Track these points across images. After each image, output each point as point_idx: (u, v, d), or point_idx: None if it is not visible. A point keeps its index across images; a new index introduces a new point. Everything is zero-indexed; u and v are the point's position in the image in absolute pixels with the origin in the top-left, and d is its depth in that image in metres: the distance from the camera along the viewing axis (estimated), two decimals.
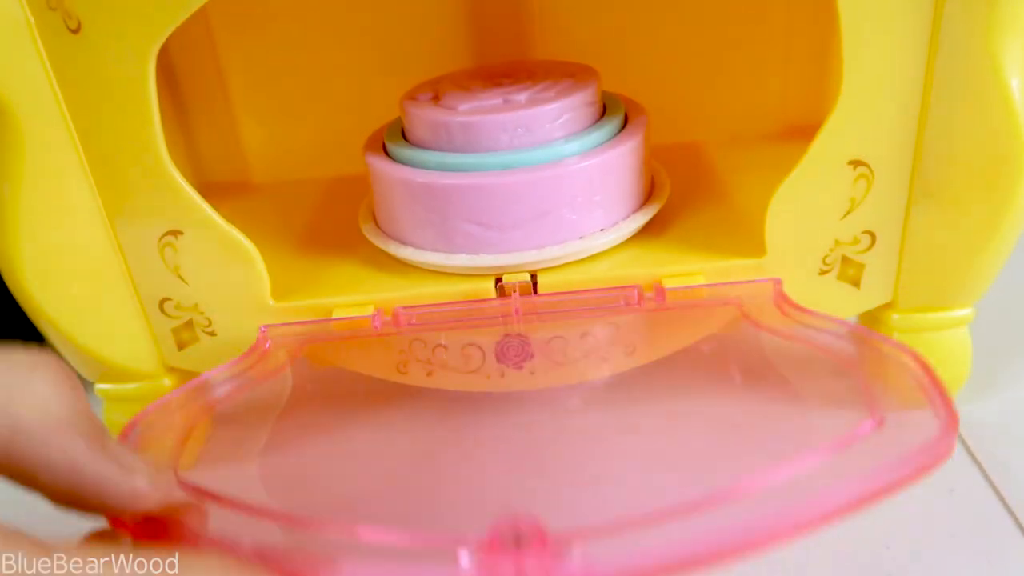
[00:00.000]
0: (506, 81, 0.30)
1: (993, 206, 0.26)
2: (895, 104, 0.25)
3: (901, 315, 0.29)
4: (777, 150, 0.35)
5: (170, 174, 0.25)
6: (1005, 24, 0.23)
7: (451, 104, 0.28)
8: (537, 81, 0.29)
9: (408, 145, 0.29)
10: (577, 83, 0.28)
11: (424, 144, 0.28)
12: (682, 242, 0.29)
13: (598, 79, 0.29)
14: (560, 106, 0.27)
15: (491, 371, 0.28)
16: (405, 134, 0.30)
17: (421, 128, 0.28)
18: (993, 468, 0.28)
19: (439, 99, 0.29)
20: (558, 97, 0.28)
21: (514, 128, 0.27)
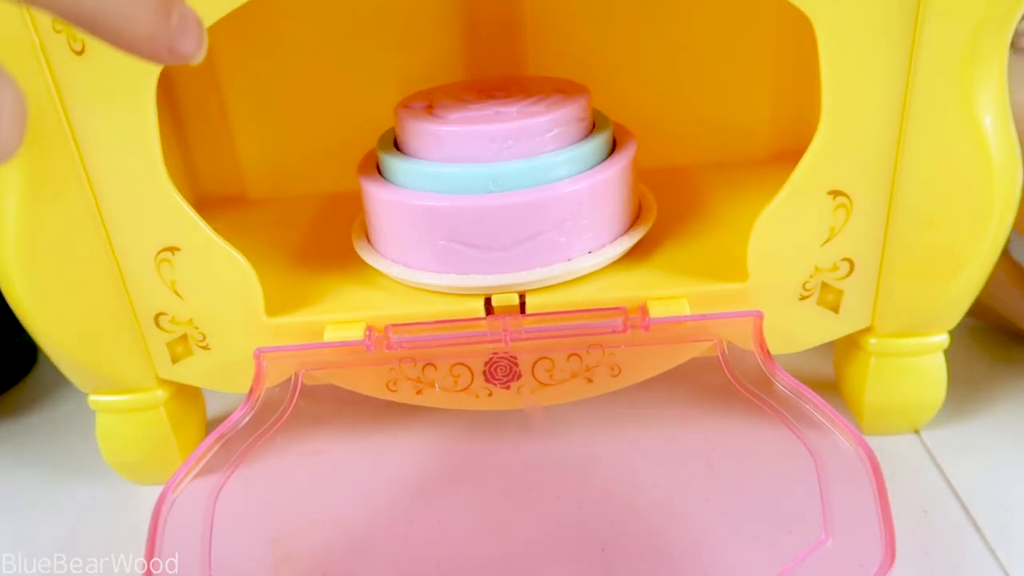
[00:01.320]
0: (499, 94, 0.30)
1: (966, 237, 0.27)
2: (873, 138, 0.25)
3: (879, 340, 0.30)
4: (763, 175, 0.36)
5: (169, 192, 0.26)
6: (977, 65, 0.24)
7: (443, 114, 0.29)
8: (529, 95, 0.30)
9: (400, 155, 0.29)
10: (567, 98, 0.29)
11: (416, 152, 0.29)
12: (667, 265, 0.30)
13: (588, 95, 0.30)
14: (550, 119, 0.28)
15: (479, 390, 0.29)
16: (398, 143, 0.30)
17: (413, 136, 0.29)
18: (965, 490, 0.29)
19: (432, 108, 0.30)
20: (548, 111, 0.28)
21: (503, 139, 0.28)
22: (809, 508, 0.24)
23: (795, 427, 0.26)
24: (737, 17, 0.35)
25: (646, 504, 0.29)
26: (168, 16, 0.15)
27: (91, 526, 0.31)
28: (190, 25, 0.16)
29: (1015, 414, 0.32)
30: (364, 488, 0.30)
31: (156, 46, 0.15)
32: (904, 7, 0.23)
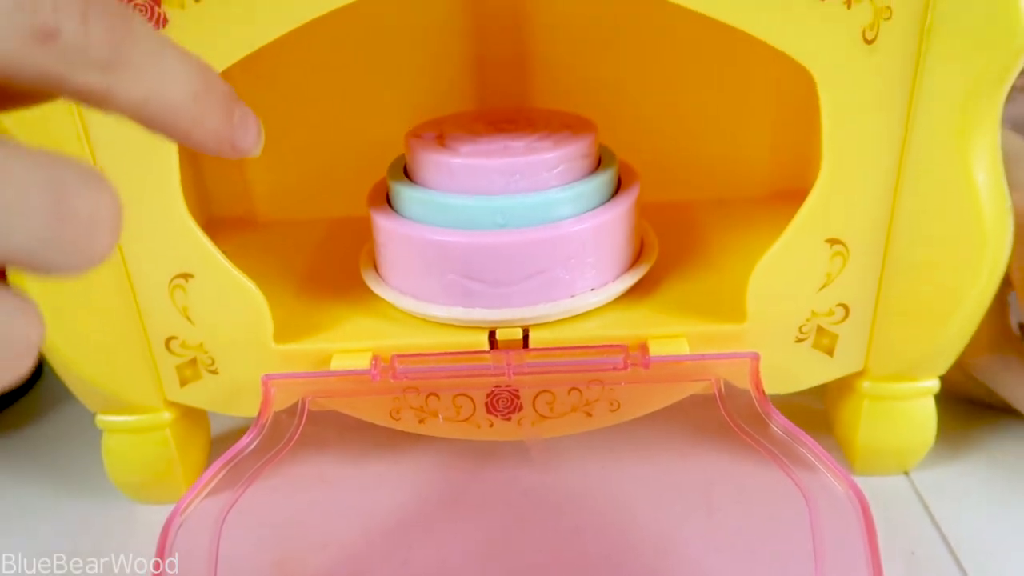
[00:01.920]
0: (508, 127, 0.31)
1: (957, 286, 0.27)
2: (870, 190, 0.26)
3: (872, 383, 0.30)
4: (763, 214, 0.37)
5: (186, 221, 0.27)
6: (973, 125, 0.25)
7: (453, 145, 0.29)
8: (537, 129, 0.30)
9: (410, 183, 0.30)
10: (574, 134, 0.30)
11: (425, 181, 0.30)
12: (667, 304, 0.30)
13: (595, 131, 0.31)
14: (557, 156, 0.29)
15: (481, 421, 0.29)
16: (407, 170, 0.31)
17: (424, 166, 0.30)
18: (952, 533, 0.29)
19: (443, 139, 0.30)
20: (556, 147, 0.29)
21: (511, 174, 0.28)
22: (801, 548, 0.25)
23: (788, 467, 0.26)
24: (739, 58, 0.36)
25: (641, 538, 0.29)
26: (231, 116, 0.16)
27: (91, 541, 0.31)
28: (249, 123, 0.17)
29: (1003, 458, 0.33)
30: (366, 513, 0.31)
31: (221, 143, 0.16)
32: (904, 66, 0.24)
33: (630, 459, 0.33)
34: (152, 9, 0.24)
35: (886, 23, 0.24)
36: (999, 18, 0.23)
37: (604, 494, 0.31)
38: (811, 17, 0.24)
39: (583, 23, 0.36)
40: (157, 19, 0.24)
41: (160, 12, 0.24)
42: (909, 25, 0.24)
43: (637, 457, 0.33)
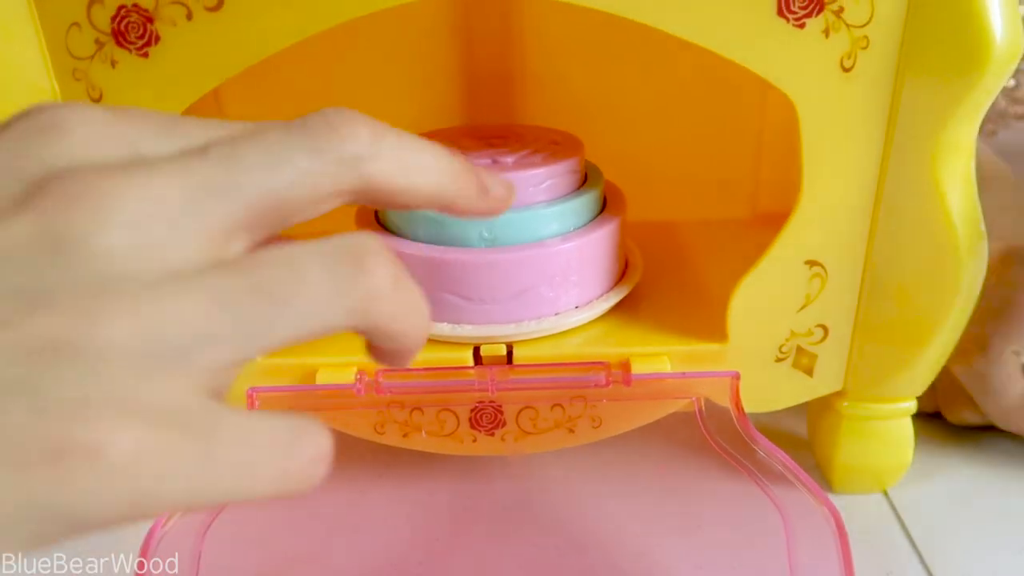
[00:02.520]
0: (496, 142, 0.31)
1: (934, 309, 0.28)
2: (848, 213, 0.27)
3: (850, 403, 0.31)
4: (745, 236, 0.38)
5: None
6: (948, 152, 0.26)
7: None
8: (525, 145, 0.31)
9: None
10: (562, 152, 0.30)
11: None
12: (650, 323, 0.31)
13: (582, 149, 0.31)
14: (544, 172, 0.29)
15: (464, 436, 0.30)
16: None
17: None
18: (928, 552, 0.30)
19: None
20: (543, 163, 0.29)
21: None
22: (777, 565, 0.25)
23: (765, 485, 0.27)
24: (724, 82, 0.37)
25: (621, 554, 0.29)
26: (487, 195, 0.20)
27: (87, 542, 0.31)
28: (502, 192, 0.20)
29: (980, 479, 0.34)
30: (349, 527, 0.31)
31: None
32: (880, 93, 0.25)
33: (611, 476, 0.33)
34: (145, 27, 0.24)
35: (863, 52, 0.24)
36: (972, 48, 0.24)
37: (585, 511, 0.31)
38: (790, 45, 0.24)
39: (572, 43, 0.36)
40: (150, 37, 0.24)
41: (152, 30, 0.24)
42: (886, 54, 0.24)
43: (618, 474, 0.33)
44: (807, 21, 0.24)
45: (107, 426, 0.12)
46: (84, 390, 0.12)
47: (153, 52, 0.24)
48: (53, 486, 0.12)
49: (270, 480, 0.14)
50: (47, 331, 0.12)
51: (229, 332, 0.14)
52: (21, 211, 0.13)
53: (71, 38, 0.24)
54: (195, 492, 0.13)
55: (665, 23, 0.24)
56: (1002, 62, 0.24)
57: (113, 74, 0.25)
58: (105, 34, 0.24)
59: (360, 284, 0.15)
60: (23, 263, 0.13)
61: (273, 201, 0.15)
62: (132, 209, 0.13)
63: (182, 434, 0.13)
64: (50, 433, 0.12)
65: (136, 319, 0.13)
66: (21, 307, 0.12)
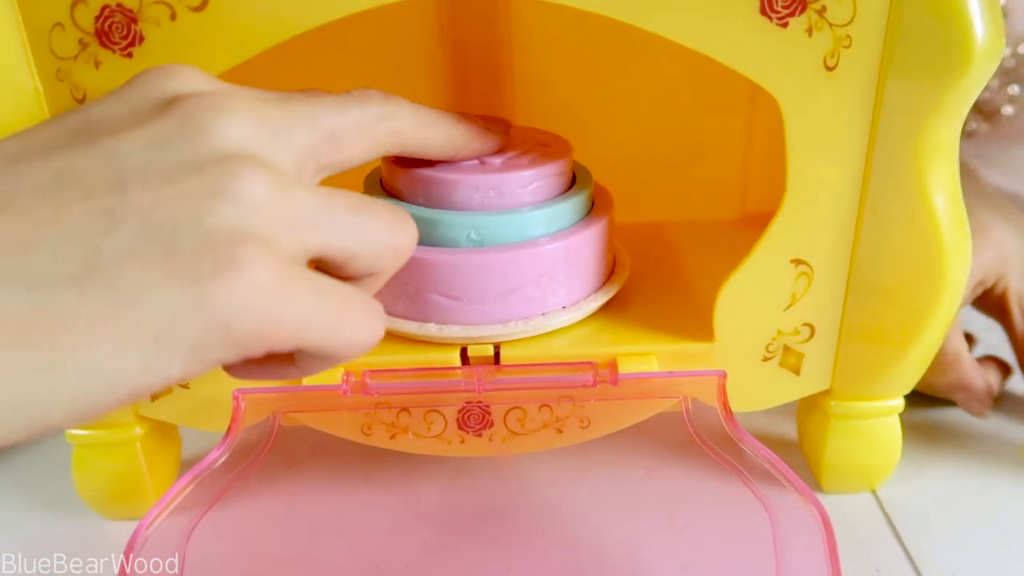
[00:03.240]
0: None
1: (920, 308, 0.28)
2: (833, 212, 0.27)
3: (838, 402, 0.31)
4: (733, 236, 0.38)
5: None
6: (931, 151, 0.26)
7: (429, 161, 0.30)
8: (513, 147, 0.31)
9: (385, 196, 0.30)
10: (550, 153, 0.30)
11: (401, 195, 0.30)
12: (638, 323, 0.31)
13: (570, 151, 0.31)
14: (532, 174, 0.29)
15: (452, 437, 0.29)
16: (383, 183, 0.31)
17: (399, 181, 0.30)
18: (916, 551, 0.30)
19: None
20: (531, 165, 0.29)
21: (486, 189, 0.29)
22: (764, 563, 0.25)
23: (752, 484, 0.27)
24: (712, 82, 0.37)
25: (610, 555, 0.29)
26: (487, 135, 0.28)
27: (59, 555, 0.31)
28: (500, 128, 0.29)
29: (967, 477, 0.34)
30: (336, 530, 0.31)
31: None
32: (864, 92, 0.25)
33: (599, 476, 0.33)
34: (129, 27, 0.24)
35: (846, 51, 0.24)
36: (954, 47, 0.24)
37: (573, 511, 0.31)
38: (774, 44, 0.24)
39: (561, 45, 0.37)
40: (134, 37, 0.24)
41: (136, 30, 0.24)
42: (869, 53, 0.25)
43: (606, 474, 0.33)
44: (790, 20, 0.24)
45: (253, 253, 0.17)
46: (238, 224, 0.17)
47: (137, 52, 0.24)
48: (215, 296, 0.16)
49: None
50: (205, 185, 0.17)
51: (325, 224, 0.19)
52: (165, 114, 0.18)
53: (55, 38, 0.24)
54: (310, 321, 0.18)
55: (648, 22, 0.24)
56: (983, 61, 0.24)
57: (97, 75, 0.24)
58: (89, 34, 0.24)
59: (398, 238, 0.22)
60: (176, 145, 0.18)
61: (335, 136, 0.21)
62: (244, 117, 0.19)
63: (301, 273, 0.18)
64: (215, 254, 0.17)
65: (268, 182, 0.18)
66: (181, 171, 0.17)
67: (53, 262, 0.16)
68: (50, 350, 0.15)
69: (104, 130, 0.18)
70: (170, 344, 0.16)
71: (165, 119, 0.18)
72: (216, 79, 0.21)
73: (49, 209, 0.17)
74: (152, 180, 0.17)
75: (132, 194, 0.17)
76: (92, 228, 0.16)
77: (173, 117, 0.18)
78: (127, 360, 0.16)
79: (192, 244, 0.17)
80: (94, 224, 0.16)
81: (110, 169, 0.17)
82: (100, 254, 0.16)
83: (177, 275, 0.16)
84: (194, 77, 0.20)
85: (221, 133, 0.18)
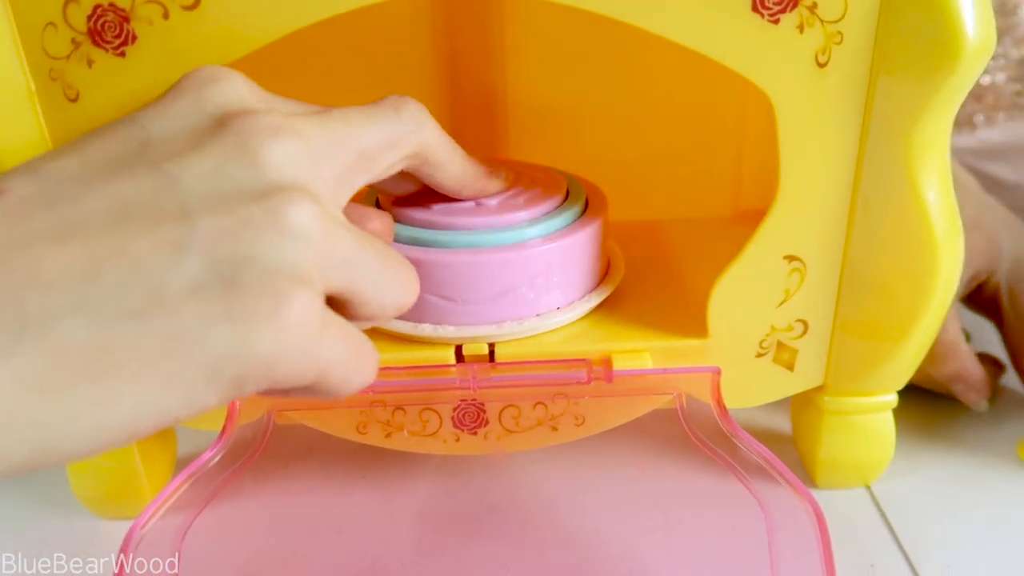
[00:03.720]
0: None
1: (912, 304, 0.28)
2: (826, 208, 0.27)
3: (831, 398, 0.31)
4: (727, 234, 0.38)
5: None
6: (922, 146, 0.26)
7: (425, 202, 0.30)
8: (510, 185, 0.30)
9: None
10: (546, 192, 0.30)
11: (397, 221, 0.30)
12: (632, 320, 0.31)
13: (564, 186, 0.31)
14: (528, 214, 0.29)
15: (447, 435, 0.30)
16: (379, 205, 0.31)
17: (396, 212, 0.30)
18: (910, 546, 0.30)
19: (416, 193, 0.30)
20: (527, 205, 0.29)
21: (483, 230, 0.29)
22: (758, 559, 0.25)
23: (747, 480, 0.27)
24: (705, 81, 0.37)
25: (606, 552, 0.29)
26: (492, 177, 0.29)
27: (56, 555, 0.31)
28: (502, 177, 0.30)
29: (960, 472, 0.34)
30: (331, 528, 0.31)
31: None
32: (856, 88, 0.25)
33: (594, 474, 0.33)
34: (121, 26, 0.24)
35: (837, 47, 0.25)
36: (945, 43, 0.24)
37: (569, 509, 0.31)
38: (765, 41, 0.24)
39: (555, 43, 0.37)
40: (126, 36, 0.24)
41: (129, 29, 0.24)
42: (860, 49, 0.25)
43: (601, 472, 0.33)
44: (781, 17, 0.24)
45: (304, 295, 0.17)
46: (295, 261, 0.17)
47: (130, 51, 0.24)
48: (265, 335, 0.17)
49: None
50: (264, 216, 0.17)
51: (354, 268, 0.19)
52: (220, 135, 0.18)
53: (47, 38, 0.24)
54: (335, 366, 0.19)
55: (640, 19, 0.24)
56: (974, 57, 0.24)
57: (90, 74, 0.25)
58: (81, 33, 0.24)
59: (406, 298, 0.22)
60: (234, 172, 0.18)
61: (369, 156, 0.22)
62: (294, 143, 0.19)
63: (334, 317, 0.19)
64: (275, 291, 0.17)
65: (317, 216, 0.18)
66: (241, 201, 0.18)
67: (118, 295, 0.16)
68: (106, 383, 0.16)
69: (164, 152, 0.18)
70: (215, 380, 0.16)
71: (220, 142, 0.18)
72: (260, 88, 0.21)
73: (116, 240, 0.16)
74: (215, 211, 0.17)
75: (197, 226, 0.17)
76: (158, 261, 0.16)
77: (228, 140, 0.18)
78: (173, 395, 0.16)
79: (252, 280, 0.17)
80: (160, 257, 0.17)
81: (175, 199, 0.17)
82: (164, 288, 0.16)
83: (234, 312, 0.16)
84: (243, 88, 0.20)
85: (275, 160, 0.18)
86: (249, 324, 0.16)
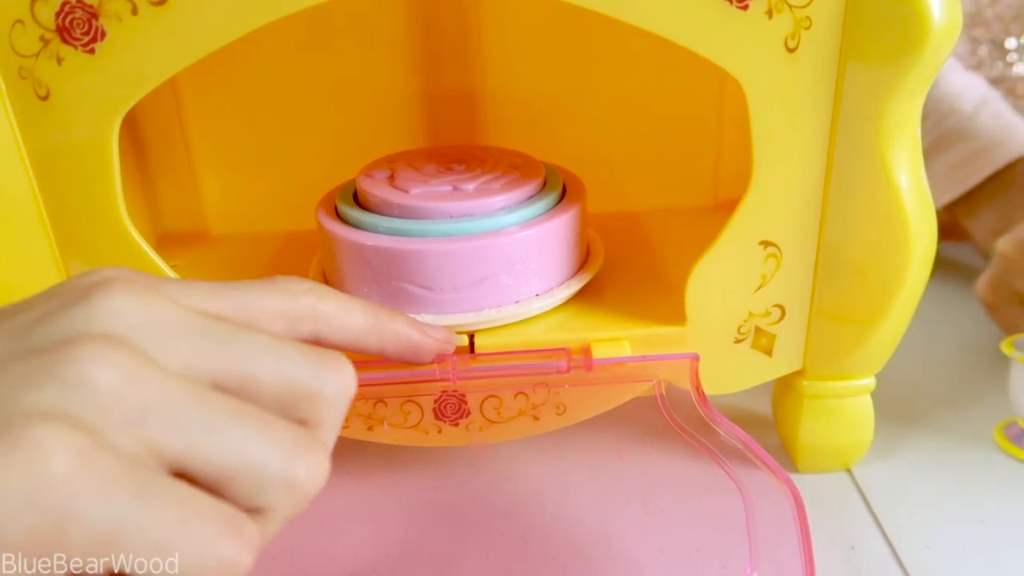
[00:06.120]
0: (458, 167, 0.32)
1: (886, 287, 0.28)
2: (799, 194, 0.27)
3: (810, 382, 0.31)
4: (705, 223, 0.38)
5: (128, 233, 0.27)
6: (893, 130, 0.26)
7: (404, 186, 0.30)
8: (486, 171, 0.31)
9: (359, 209, 0.31)
10: (523, 177, 0.31)
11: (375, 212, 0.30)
12: (611, 308, 0.31)
13: (542, 172, 0.31)
14: (505, 199, 0.29)
15: (429, 427, 0.30)
16: (358, 199, 0.31)
17: (374, 201, 0.30)
18: (890, 528, 0.30)
19: (394, 179, 0.31)
20: (504, 190, 0.30)
21: (460, 215, 0.29)
22: (738, 543, 0.26)
23: (726, 465, 0.27)
24: (683, 71, 0.37)
25: (588, 540, 0.29)
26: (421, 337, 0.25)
27: None
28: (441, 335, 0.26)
29: (939, 454, 0.34)
30: (313, 521, 0.31)
31: None
32: (825, 73, 0.25)
33: (575, 462, 0.33)
34: (90, 23, 0.24)
35: (806, 32, 0.25)
36: (911, 27, 0.24)
37: (551, 498, 0.32)
38: (735, 27, 0.24)
39: (532, 34, 0.37)
40: (95, 33, 0.24)
41: (98, 26, 0.24)
42: (828, 34, 0.25)
43: (582, 460, 0.33)
44: (750, 2, 0.24)
45: (57, 437, 0.15)
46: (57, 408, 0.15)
47: (100, 48, 0.24)
48: None
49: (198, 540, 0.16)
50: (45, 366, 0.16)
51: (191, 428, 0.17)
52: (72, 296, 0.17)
53: (15, 35, 0.24)
54: (125, 529, 0.16)
55: (611, 8, 0.24)
56: (941, 40, 0.24)
57: (59, 71, 0.24)
58: (50, 31, 0.24)
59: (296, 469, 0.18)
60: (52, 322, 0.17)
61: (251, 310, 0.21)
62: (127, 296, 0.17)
63: (128, 473, 0.15)
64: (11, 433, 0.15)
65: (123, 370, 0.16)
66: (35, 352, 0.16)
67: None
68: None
69: (7, 312, 0.17)
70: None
71: (65, 298, 0.17)
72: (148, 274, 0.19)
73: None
74: (7, 360, 0.16)
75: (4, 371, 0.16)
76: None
77: (70, 295, 0.17)
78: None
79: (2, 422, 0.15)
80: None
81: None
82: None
83: None
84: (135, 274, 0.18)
85: (92, 311, 0.17)
86: None
